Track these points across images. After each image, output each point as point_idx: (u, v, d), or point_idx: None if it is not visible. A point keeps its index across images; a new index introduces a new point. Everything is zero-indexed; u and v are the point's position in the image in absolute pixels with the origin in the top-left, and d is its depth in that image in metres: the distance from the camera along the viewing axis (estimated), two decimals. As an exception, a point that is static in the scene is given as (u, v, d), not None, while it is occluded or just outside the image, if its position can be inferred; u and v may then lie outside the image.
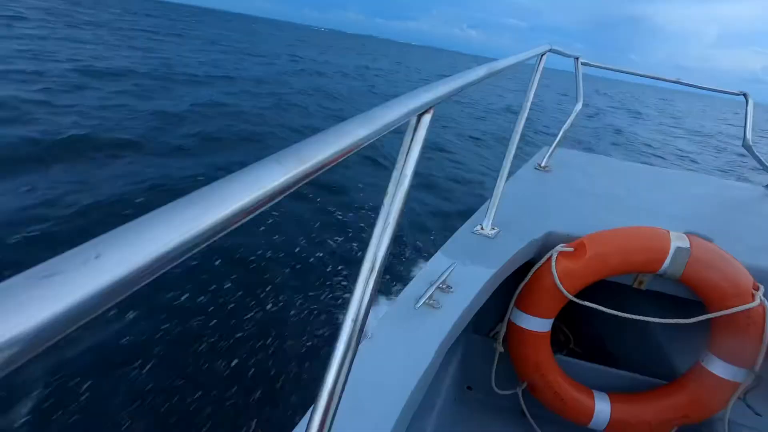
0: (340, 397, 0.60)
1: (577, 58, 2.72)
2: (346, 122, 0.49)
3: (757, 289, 1.41)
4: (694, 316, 1.43)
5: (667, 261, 1.46)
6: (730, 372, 1.45)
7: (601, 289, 1.64)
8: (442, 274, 1.29)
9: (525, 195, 2.09)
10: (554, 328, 1.85)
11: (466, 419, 1.83)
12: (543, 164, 2.54)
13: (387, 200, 0.65)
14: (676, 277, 1.47)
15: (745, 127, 2.64)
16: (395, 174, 0.65)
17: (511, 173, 1.90)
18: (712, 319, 1.43)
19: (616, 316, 1.49)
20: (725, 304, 1.41)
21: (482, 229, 1.64)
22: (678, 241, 1.47)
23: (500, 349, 1.71)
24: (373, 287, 0.63)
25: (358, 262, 0.63)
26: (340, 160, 0.44)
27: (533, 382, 1.68)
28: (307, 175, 0.38)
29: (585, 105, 2.82)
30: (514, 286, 1.65)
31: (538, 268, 1.60)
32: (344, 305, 0.80)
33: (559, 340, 2.30)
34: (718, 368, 1.47)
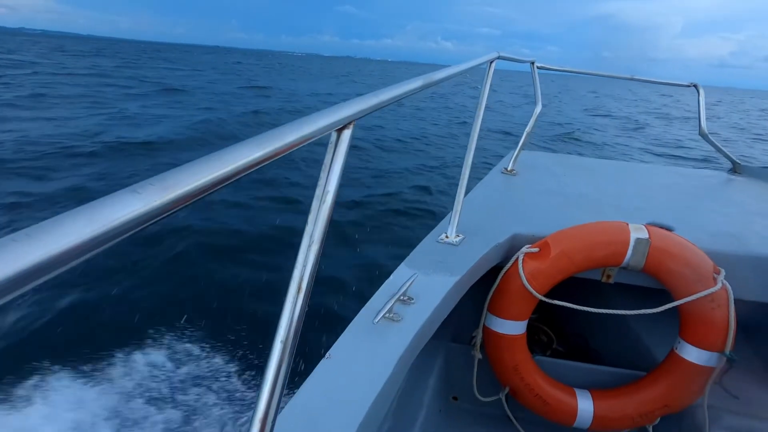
0: (273, 424, 0.59)
1: (533, 62, 2.68)
2: (242, 142, 0.46)
3: (718, 272, 1.40)
4: (664, 305, 1.41)
5: (629, 253, 1.44)
6: (703, 357, 1.43)
7: (572, 286, 1.63)
8: (403, 285, 1.22)
9: (491, 200, 2.05)
10: (536, 329, 2.18)
11: (451, 429, 1.77)
12: (509, 168, 2.51)
13: (311, 218, 0.64)
14: (639, 269, 1.46)
15: (699, 116, 2.76)
16: (318, 191, 0.64)
17: (479, 179, 2.19)
18: (679, 306, 1.41)
19: (588, 311, 1.47)
20: (689, 290, 1.39)
21: (447, 237, 1.58)
22: (637, 232, 1.45)
23: (478, 355, 1.66)
24: (301, 307, 0.62)
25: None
26: (228, 183, 0.42)
27: (514, 386, 1.62)
28: (176, 202, 0.36)
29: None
30: (488, 291, 1.61)
31: (506, 271, 1.56)
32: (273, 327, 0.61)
33: (542, 342, 2.23)
34: (692, 355, 1.45)
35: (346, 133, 0.65)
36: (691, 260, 1.42)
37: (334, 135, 0.65)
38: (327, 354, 0.99)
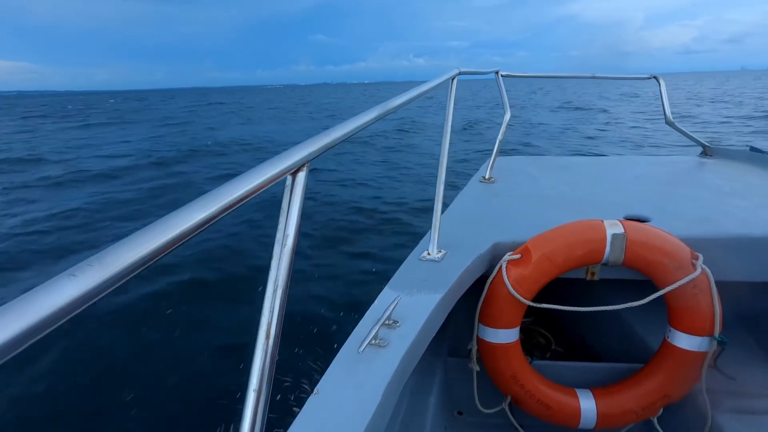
0: None
1: (497, 72, 2.68)
2: (188, 205, 0.45)
3: (696, 258, 1.36)
4: (649, 296, 1.37)
5: (607, 249, 1.40)
6: (695, 343, 1.39)
7: (562, 286, 1.60)
8: (387, 309, 1.13)
9: (471, 210, 1.97)
10: (533, 332, 2.12)
11: None
12: (487, 176, 2.46)
13: (274, 263, 0.63)
14: (620, 263, 1.41)
15: (663, 106, 2.72)
16: (278, 236, 0.63)
17: (458, 190, 2.20)
18: (664, 295, 1.36)
19: (576, 311, 1.43)
20: (670, 279, 1.35)
21: (428, 254, 1.49)
22: (612, 228, 1.41)
23: (476, 368, 1.58)
24: (272, 355, 0.60)
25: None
26: (176, 247, 0.41)
27: (515, 394, 1.55)
28: (118, 278, 0.35)
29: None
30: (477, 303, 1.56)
31: (492, 280, 1.49)
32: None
33: (540, 344, 2.13)
34: (683, 342, 1.41)
35: (301, 176, 0.66)
36: (668, 249, 1.37)
37: (288, 179, 0.65)
38: (314, 390, 0.91)
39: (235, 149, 13.84)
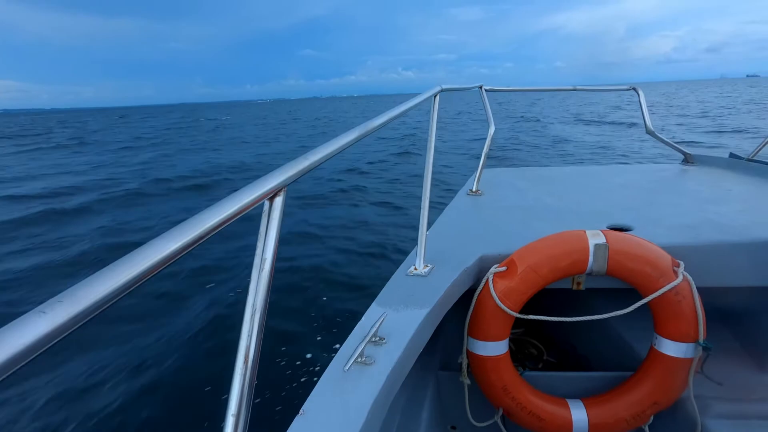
0: None
1: (481, 87, 2.70)
2: (163, 235, 0.45)
3: (677, 265, 1.37)
4: (634, 304, 1.37)
5: (590, 260, 1.39)
6: (681, 349, 1.38)
7: (548, 297, 1.59)
8: (373, 326, 1.10)
9: (458, 224, 1.96)
10: (525, 343, 2.11)
11: None
12: (474, 189, 2.44)
13: (252, 287, 0.62)
14: (603, 273, 1.41)
15: (643, 116, 2.77)
16: (256, 260, 0.63)
17: (443, 204, 2.19)
18: (649, 302, 1.36)
19: (562, 321, 1.42)
20: (653, 286, 1.35)
21: (415, 269, 1.47)
22: (595, 238, 1.41)
23: (467, 381, 1.56)
24: (250, 379, 0.59)
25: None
26: (147, 279, 0.41)
27: (507, 406, 1.52)
28: (89, 312, 0.35)
29: None
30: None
31: (479, 293, 1.48)
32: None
33: (532, 355, 2.11)
34: (669, 348, 1.39)
35: (278, 201, 0.65)
36: (650, 258, 1.37)
37: (266, 204, 0.64)
38: (300, 410, 0.88)
39: (192, 183, 10.58)
